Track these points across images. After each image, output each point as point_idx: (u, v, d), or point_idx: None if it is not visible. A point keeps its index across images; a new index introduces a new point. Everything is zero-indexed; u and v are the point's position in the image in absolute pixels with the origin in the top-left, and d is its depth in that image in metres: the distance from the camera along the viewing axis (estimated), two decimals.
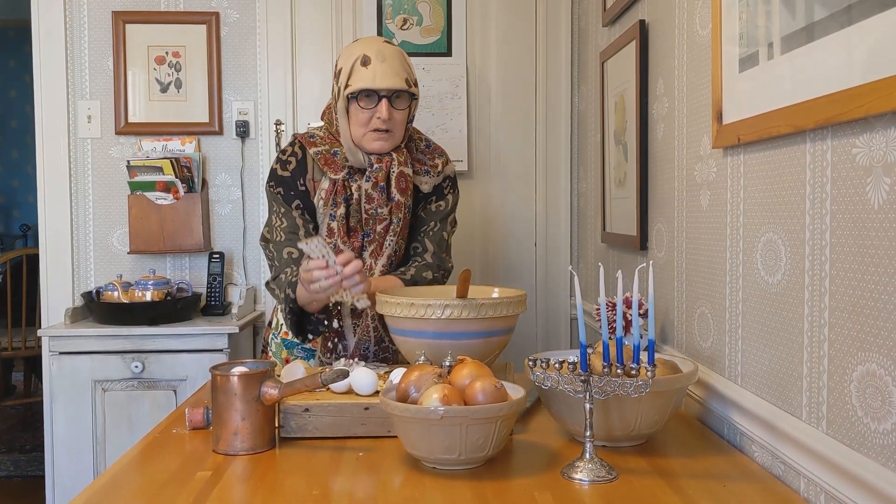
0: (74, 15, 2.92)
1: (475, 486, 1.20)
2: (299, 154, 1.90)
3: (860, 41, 1.00)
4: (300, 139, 1.92)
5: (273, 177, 1.90)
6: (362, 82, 1.78)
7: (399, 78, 1.80)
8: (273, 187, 1.90)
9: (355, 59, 1.80)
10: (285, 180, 1.89)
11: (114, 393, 2.59)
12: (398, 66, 1.81)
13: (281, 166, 1.90)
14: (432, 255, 1.93)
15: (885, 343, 0.99)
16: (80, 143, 2.95)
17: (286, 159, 1.90)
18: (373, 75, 1.78)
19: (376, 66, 1.78)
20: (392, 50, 1.83)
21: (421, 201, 1.94)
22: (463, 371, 1.33)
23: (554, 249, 3.04)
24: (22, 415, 4.99)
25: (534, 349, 2.99)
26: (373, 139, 1.82)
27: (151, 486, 1.22)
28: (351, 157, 1.85)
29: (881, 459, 1.00)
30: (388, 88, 1.79)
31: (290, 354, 1.96)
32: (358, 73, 1.79)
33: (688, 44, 1.68)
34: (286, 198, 1.88)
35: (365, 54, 1.80)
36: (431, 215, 1.95)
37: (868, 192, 1.02)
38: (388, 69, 1.79)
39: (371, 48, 1.81)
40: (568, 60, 3.00)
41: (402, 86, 1.80)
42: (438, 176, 1.94)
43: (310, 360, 1.94)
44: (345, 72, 1.82)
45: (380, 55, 1.80)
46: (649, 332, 1.28)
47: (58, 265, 2.94)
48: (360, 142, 1.83)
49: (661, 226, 1.88)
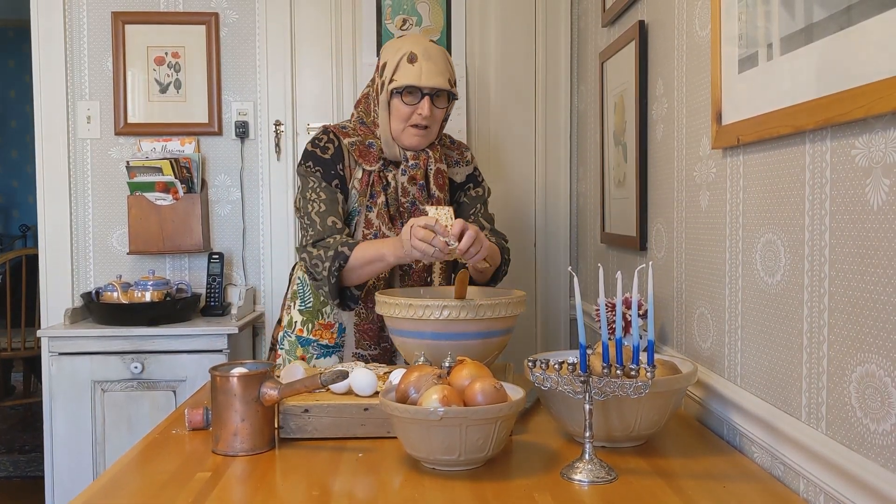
0: (74, 15, 2.92)
1: (475, 486, 1.20)
2: (335, 142, 1.92)
3: (859, 42, 1.00)
4: (333, 130, 1.94)
5: (311, 157, 1.90)
6: (408, 79, 1.82)
7: (443, 77, 1.84)
8: (311, 168, 1.90)
9: (402, 55, 1.84)
10: (325, 162, 1.90)
11: (113, 393, 2.59)
12: (443, 66, 1.85)
13: (320, 150, 1.91)
14: (491, 231, 2.01)
15: (884, 344, 0.99)
16: (79, 144, 2.94)
17: (323, 145, 1.91)
18: (419, 73, 1.82)
19: (422, 64, 1.82)
20: (437, 49, 1.87)
21: (456, 191, 2.02)
22: (462, 372, 1.33)
23: (553, 250, 3.04)
24: (21, 415, 4.99)
25: (533, 350, 2.99)
26: (411, 135, 1.87)
27: (151, 487, 1.22)
28: (387, 150, 1.90)
29: (880, 460, 1.00)
30: (432, 87, 1.82)
31: (305, 352, 1.95)
32: (404, 69, 1.83)
33: (687, 44, 1.68)
34: (325, 176, 1.89)
35: (412, 51, 1.83)
36: (473, 200, 2.03)
37: (867, 193, 1.02)
38: (434, 68, 1.83)
39: (418, 46, 1.85)
40: (567, 61, 3.00)
41: (446, 85, 1.85)
42: (468, 165, 2.03)
43: (326, 357, 1.94)
44: (390, 66, 1.85)
45: (426, 53, 1.84)
46: (649, 333, 1.28)
47: (57, 266, 2.94)
48: (399, 136, 1.88)
49: (660, 226, 1.88)
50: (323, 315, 1.95)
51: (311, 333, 1.95)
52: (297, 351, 1.96)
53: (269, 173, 2.96)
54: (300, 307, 1.97)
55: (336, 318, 1.95)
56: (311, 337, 1.94)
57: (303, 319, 1.96)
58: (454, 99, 1.91)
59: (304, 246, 1.86)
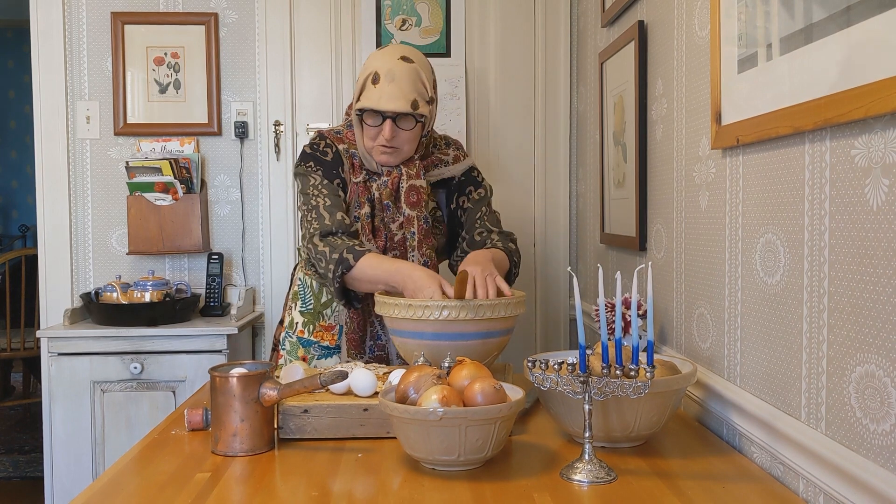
0: (73, 15, 2.92)
1: (474, 487, 1.20)
2: (333, 147, 1.90)
3: (859, 42, 1.00)
4: (329, 136, 1.92)
5: (311, 158, 1.88)
6: (368, 101, 1.79)
7: (404, 100, 1.77)
8: (311, 167, 1.87)
9: (368, 74, 1.81)
10: (326, 163, 1.88)
11: (113, 394, 2.59)
12: (407, 87, 1.78)
13: (319, 153, 1.89)
14: (499, 235, 1.97)
15: (883, 344, 0.99)
16: (78, 144, 2.94)
17: (322, 150, 1.89)
18: (378, 96, 1.77)
19: (383, 87, 1.77)
20: (404, 69, 1.78)
21: (454, 193, 1.98)
22: (462, 372, 1.33)
23: (553, 250, 3.04)
24: (21, 416, 4.98)
25: (533, 350, 2.99)
26: (380, 152, 1.84)
27: (150, 488, 1.22)
28: (366, 163, 1.88)
29: (880, 460, 1.00)
30: (390, 111, 1.78)
31: (306, 353, 1.94)
32: (367, 91, 1.80)
33: (687, 45, 1.68)
34: (327, 175, 1.86)
35: (377, 71, 1.79)
36: (477, 203, 1.99)
37: (867, 193, 1.02)
38: (395, 90, 1.77)
39: (385, 65, 1.79)
40: (567, 61, 3.00)
41: (406, 109, 1.77)
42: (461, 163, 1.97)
43: (327, 358, 1.93)
44: (358, 84, 1.84)
45: (390, 74, 1.78)
46: (648, 333, 1.28)
47: (57, 266, 2.94)
48: (370, 152, 1.86)
49: (660, 226, 1.88)
50: (324, 317, 1.94)
51: (312, 335, 1.94)
52: (298, 352, 1.95)
53: (268, 173, 2.96)
54: (301, 308, 1.96)
55: (337, 319, 1.94)
56: (311, 338, 1.94)
57: (304, 321, 1.95)
58: (420, 121, 1.82)
59: (310, 237, 1.82)
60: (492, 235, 1.95)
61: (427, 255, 1.89)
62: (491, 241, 1.93)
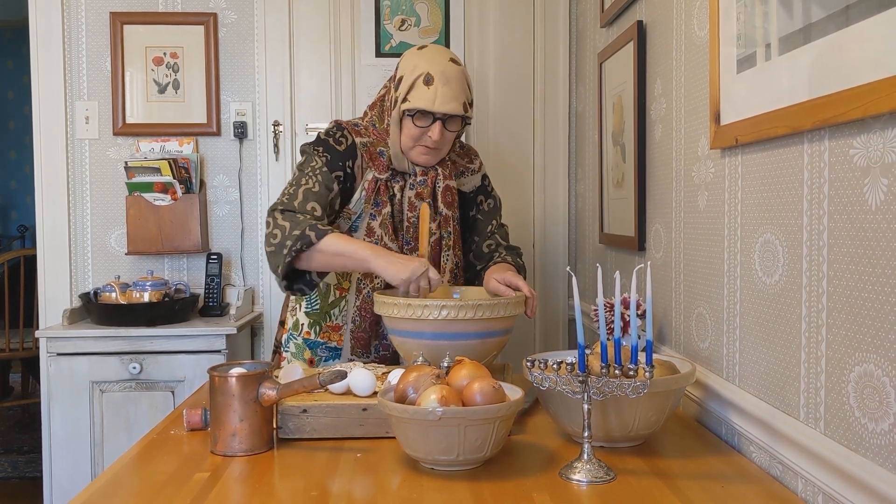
0: (72, 16, 2.92)
1: (473, 486, 1.20)
2: (349, 138, 1.87)
3: (858, 42, 1.00)
4: (347, 126, 1.89)
5: (323, 144, 1.85)
6: (421, 102, 1.76)
7: (458, 102, 1.77)
8: (319, 151, 1.84)
9: (419, 74, 1.77)
10: (337, 152, 1.84)
11: (112, 394, 2.59)
12: (459, 90, 1.78)
13: (334, 141, 1.85)
14: (507, 249, 1.99)
15: (882, 343, 0.99)
16: (77, 144, 2.94)
17: (337, 139, 1.86)
18: (433, 97, 1.75)
19: (438, 88, 1.75)
20: (455, 71, 1.79)
21: (467, 202, 1.99)
22: (461, 372, 1.33)
23: (552, 250, 3.04)
24: (19, 416, 4.98)
25: (532, 350, 2.99)
26: (420, 153, 1.83)
27: (149, 488, 1.22)
28: (396, 162, 1.86)
29: (878, 460, 1.00)
30: (445, 112, 1.77)
31: (313, 355, 1.90)
32: (418, 91, 1.76)
33: (686, 45, 1.68)
34: (330, 165, 1.83)
35: (429, 72, 1.76)
36: (487, 215, 2.01)
37: (865, 193, 1.02)
38: (450, 92, 1.76)
39: (436, 66, 1.77)
40: (566, 61, 3.00)
41: (460, 111, 1.78)
42: (476, 174, 2.00)
43: (334, 360, 1.90)
44: (405, 83, 1.79)
45: (443, 76, 1.76)
46: (647, 333, 1.28)
47: (56, 266, 2.93)
48: (409, 152, 1.84)
49: (658, 226, 1.88)
50: (331, 317, 1.89)
51: (319, 336, 1.90)
52: (304, 354, 1.91)
53: (267, 174, 2.96)
54: (307, 309, 1.91)
55: (343, 319, 1.89)
56: (318, 339, 1.90)
57: (310, 322, 1.91)
58: (468, 123, 1.84)
59: (273, 208, 1.78)
60: (500, 250, 1.98)
61: (458, 258, 1.91)
62: (499, 254, 1.95)
